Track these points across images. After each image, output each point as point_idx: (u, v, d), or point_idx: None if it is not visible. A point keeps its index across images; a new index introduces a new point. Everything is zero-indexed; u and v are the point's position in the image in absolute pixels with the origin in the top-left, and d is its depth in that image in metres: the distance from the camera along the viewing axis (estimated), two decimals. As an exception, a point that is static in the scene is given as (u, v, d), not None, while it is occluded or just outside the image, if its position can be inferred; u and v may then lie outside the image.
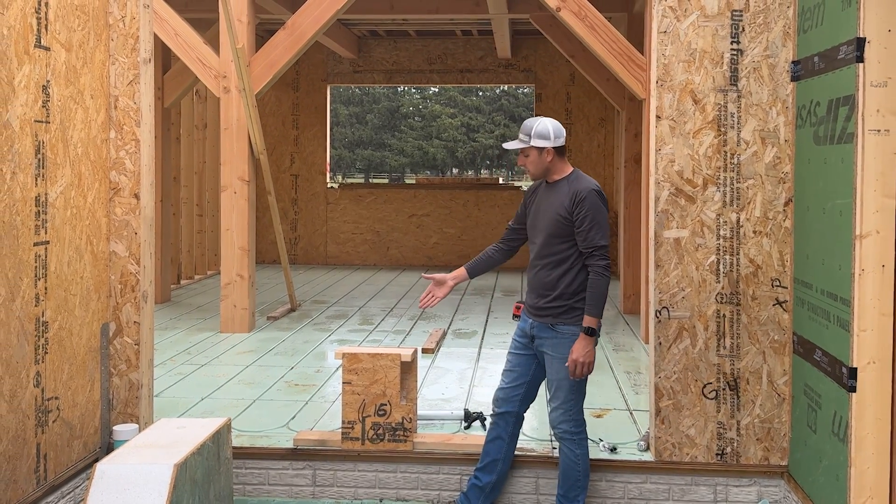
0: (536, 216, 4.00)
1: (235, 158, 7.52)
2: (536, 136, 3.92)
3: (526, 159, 3.99)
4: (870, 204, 3.31)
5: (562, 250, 3.88)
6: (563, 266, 3.88)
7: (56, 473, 3.91)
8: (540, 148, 3.92)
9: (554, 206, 3.90)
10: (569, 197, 3.86)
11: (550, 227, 3.89)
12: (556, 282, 3.87)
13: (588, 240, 3.81)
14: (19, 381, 3.60)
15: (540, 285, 3.93)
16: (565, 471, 3.98)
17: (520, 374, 4.06)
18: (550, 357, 3.91)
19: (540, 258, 3.95)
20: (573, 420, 3.94)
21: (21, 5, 3.62)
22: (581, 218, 3.82)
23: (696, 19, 4.16)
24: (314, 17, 7.47)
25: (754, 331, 4.12)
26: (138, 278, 4.40)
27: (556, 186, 3.95)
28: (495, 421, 4.09)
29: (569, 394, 3.91)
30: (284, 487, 4.38)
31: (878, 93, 3.29)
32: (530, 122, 3.99)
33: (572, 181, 3.93)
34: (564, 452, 3.97)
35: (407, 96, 41.95)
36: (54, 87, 3.90)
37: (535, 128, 3.94)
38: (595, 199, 3.85)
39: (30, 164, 3.70)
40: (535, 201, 4.05)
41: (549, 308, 3.89)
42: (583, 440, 3.97)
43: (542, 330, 3.93)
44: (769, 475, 4.15)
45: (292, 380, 5.83)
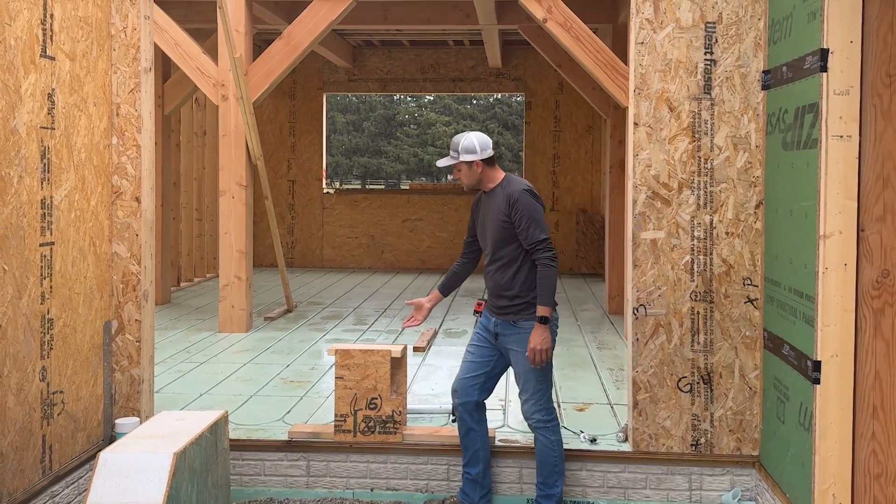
0: (483, 225, 4.17)
1: (233, 164, 7.62)
2: (464, 152, 4.07)
3: (459, 173, 4.14)
4: (833, 206, 3.40)
5: (510, 251, 4.04)
6: (514, 266, 4.03)
7: (61, 464, 4.00)
8: (469, 162, 4.07)
9: (495, 213, 4.05)
10: (504, 201, 4.02)
11: (496, 232, 4.05)
12: (511, 281, 4.02)
13: (529, 237, 3.96)
14: (26, 376, 3.69)
15: (497, 287, 4.08)
16: (542, 458, 4.08)
17: (479, 366, 4.19)
18: (515, 352, 4.04)
19: (493, 262, 4.11)
20: (544, 409, 4.05)
21: (27, 17, 3.69)
22: (518, 218, 3.96)
23: (671, 31, 4.26)
24: (310, 28, 7.58)
25: (727, 327, 4.23)
26: (139, 278, 4.49)
27: (493, 194, 4.11)
28: (459, 415, 4.21)
29: (536, 384, 4.03)
30: (280, 478, 4.48)
31: (840, 100, 3.39)
32: (457, 138, 4.13)
33: (505, 186, 4.08)
34: (540, 441, 4.07)
35: (403, 105, 42.03)
36: (59, 95, 3.97)
37: (461, 144, 4.08)
38: (527, 198, 3.99)
39: (36, 169, 3.78)
40: (480, 211, 4.22)
41: (509, 307, 4.04)
42: (555, 427, 4.09)
43: (505, 327, 4.07)
44: (741, 465, 4.25)
45: (288, 377, 5.92)
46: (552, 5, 7.22)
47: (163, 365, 6.19)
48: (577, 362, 6.47)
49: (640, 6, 4.27)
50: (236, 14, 7.56)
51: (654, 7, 4.25)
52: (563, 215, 12.74)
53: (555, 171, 12.78)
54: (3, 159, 3.51)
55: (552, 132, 12.77)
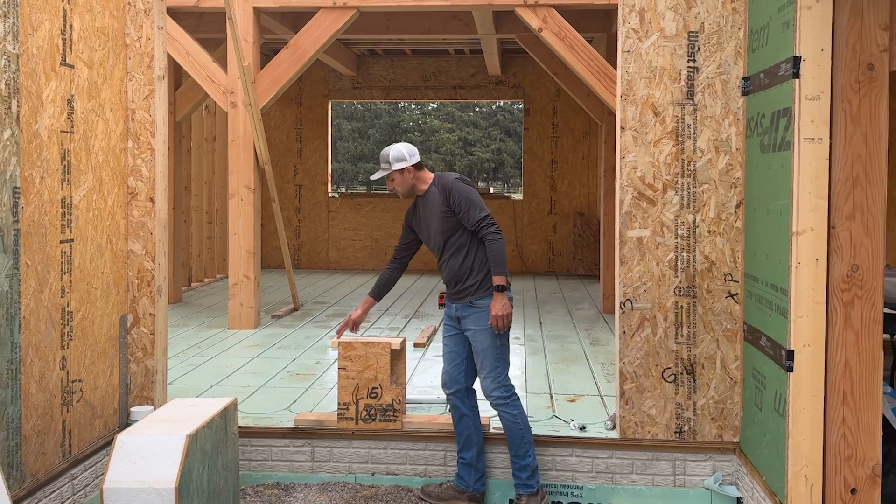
0: (427, 226, 4.35)
1: (242, 168, 7.77)
2: (395, 161, 4.27)
3: (393, 182, 4.32)
4: (805, 204, 3.50)
5: (457, 239, 4.24)
6: (462, 252, 4.23)
7: (80, 448, 4.13)
8: (401, 169, 4.27)
9: (435, 209, 4.25)
10: (441, 194, 4.23)
11: (441, 225, 4.26)
12: (461, 266, 4.23)
13: (471, 218, 4.16)
14: (47, 364, 3.83)
15: (452, 275, 4.28)
16: (510, 433, 4.23)
17: (457, 354, 4.36)
18: (473, 331, 4.22)
19: (444, 253, 4.30)
20: (502, 386, 4.21)
21: (49, 27, 3.80)
22: (457, 204, 4.17)
23: (656, 40, 4.39)
24: (315, 37, 7.73)
25: (709, 321, 4.37)
26: (153, 274, 4.64)
27: (428, 194, 4.32)
28: (452, 403, 4.36)
29: (494, 362, 4.20)
30: (286, 463, 4.62)
31: (812, 105, 3.48)
32: (385, 151, 4.31)
33: (437, 183, 4.29)
34: (504, 417, 4.22)
35: (407, 112, 42.16)
36: (78, 101, 4.08)
37: (390, 154, 4.28)
38: (460, 185, 4.22)
39: (56, 170, 3.90)
40: (418, 216, 4.42)
41: (465, 290, 4.24)
42: (515, 401, 4.23)
43: (463, 310, 4.26)
44: (723, 451, 4.38)
45: (294, 370, 6.07)
46: (547, 15, 7.37)
47: (175, 359, 6.34)
48: (570, 357, 6.60)
49: (626, 17, 4.40)
50: (245, 24, 7.71)
51: (639, 17, 4.38)
52: (560, 218, 12.88)
53: (553, 175, 12.91)
54: (26, 161, 3.64)
55: (550, 138, 12.90)
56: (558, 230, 12.86)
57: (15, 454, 3.54)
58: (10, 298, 3.50)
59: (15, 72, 3.54)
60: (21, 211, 3.59)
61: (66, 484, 3.96)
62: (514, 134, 38.07)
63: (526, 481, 4.22)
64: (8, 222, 3.49)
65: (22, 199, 3.60)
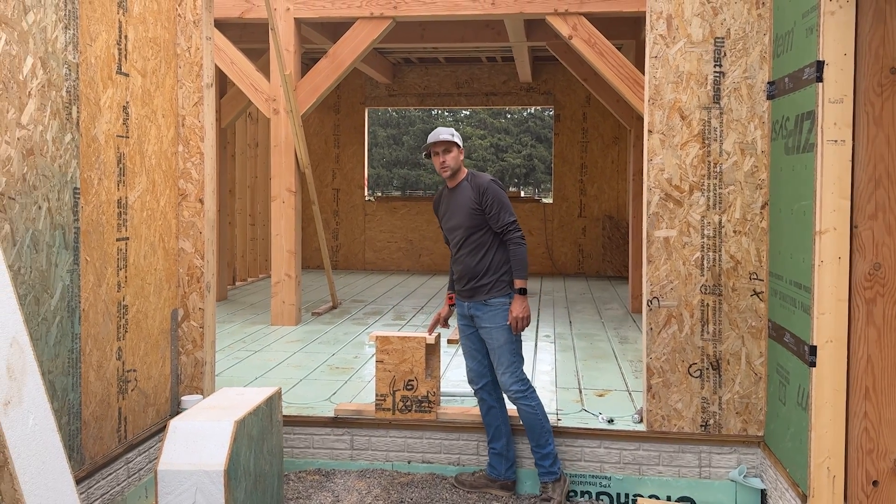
0: (451, 218, 4.37)
1: (283, 172, 7.90)
2: (458, 137, 4.35)
3: (447, 155, 4.31)
4: (828, 204, 3.50)
5: (479, 237, 4.27)
6: (482, 250, 4.27)
7: (134, 434, 4.26)
8: (460, 146, 4.34)
9: (464, 203, 4.28)
10: (474, 192, 4.26)
11: (466, 220, 4.28)
12: (480, 263, 4.27)
13: (500, 220, 4.21)
14: (105, 355, 3.97)
15: (468, 271, 4.30)
16: (530, 425, 4.27)
17: (477, 350, 4.41)
18: (488, 329, 4.28)
19: (462, 248, 4.33)
20: (519, 380, 4.26)
21: (105, 38, 3.92)
22: (489, 205, 4.22)
23: (683, 46, 4.41)
24: (353, 47, 7.84)
25: (734, 318, 4.38)
26: (202, 271, 4.76)
27: (459, 188, 4.34)
28: (480, 397, 4.42)
29: (511, 356, 4.25)
30: (326, 451, 4.72)
31: (835, 108, 3.48)
32: (445, 128, 4.36)
33: (471, 180, 4.32)
34: (523, 410, 4.26)
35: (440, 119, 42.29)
36: (132, 107, 4.19)
37: (454, 131, 4.36)
38: (495, 187, 4.26)
39: (113, 172, 4.02)
40: (444, 209, 4.44)
41: (480, 287, 4.28)
42: (532, 393, 4.28)
43: (477, 308, 4.30)
44: (747, 444, 4.39)
45: (334, 364, 6.17)
46: (577, 23, 7.41)
47: (222, 353, 6.48)
48: (599, 355, 6.63)
49: (654, 23, 4.43)
50: (286, 35, 7.85)
51: (667, 24, 4.42)
52: (589, 221, 12.87)
53: (582, 179, 12.91)
54: (86, 163, 3.77)
55: (580, 143, 12.90)
56: (588, 233, 12.85)
57: (75, 438, 3.67)
58: (71, 292, 3.63)
59: (75, 80, 3.66)
60: (81, 210, 3.72)
61: (122, 467, 4.09)
62: (545, 140, 38.03)
63: (549, 468, 4.28)
64: (69, 221, 3.62)
65: (81, 200, 3.73)
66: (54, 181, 3.49)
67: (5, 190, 3.13)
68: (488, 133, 41.58)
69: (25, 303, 3.27)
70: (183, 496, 3.36)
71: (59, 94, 3.53)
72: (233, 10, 7.90)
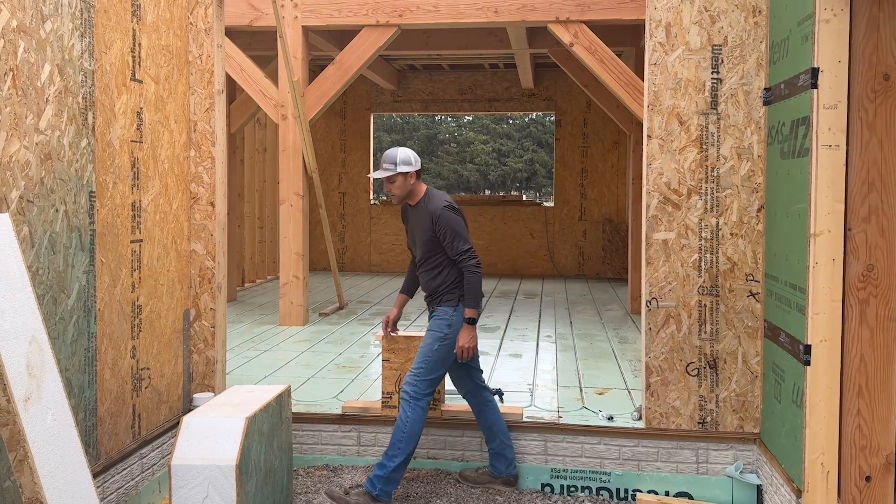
0: (413, 235, 4.36)
1: (291, 176, 7.93)
2: (402, 164, 4.12)
3: (392, 185, 4.15)
4: (822, 207, 3.51)
5: (436, 259, 4.21)
6: (438, 269, 4.23)
7: (148, 430, 4.30)
8: (405, 173, 4.13)
9: (423, 228, 4.21)
10: (429, 219, 4.15)
11: (424, 245, 4.23)
12: (434, 281, 4.24)
13: (454, 249, 4.10)
14: (119, 353, 4.00)
15: (426, 287, 4.33)
16: (394, 428, 4.11)
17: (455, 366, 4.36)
18: (427, 330, 4.27)
19: (422, 266, 4.30)
20: (416, 385, 4.13)
21: (120, 46, 3.96)
22: (443, 234, 4.11)
23: (681, 53, 4.44)
24: (359, 54, 7.88)
25: (731, 318, 4.40)
26: (214, 272, 4.80)
27: (418, 209, 4.23)
28: (468, 400, 4.41)
29: (422, 362, 4.16)
30: (334, 447, 4.74)
31: (829, 114, 3.48)
32: (392, 152, 4.14)
33: (427, 203, 4.17)
34: (400, 410, 4.13)
35: (444, 124, 42.31)
36: (146, 113, 4.22)
37: (399, 156, 4.12)
38: (448, 214, 4.11)
39: (127, 176, 4.05)
40: (409, 222, 4.38)
41: (434, 299, 4.27)
42: (417, 407, 4.09)
43: (430, 314, 4.31)
44: (744, 441, 4.41)
45: (341, 363, 6.20)
46: (578, 31, 7.44)
47: (232, 352, 6.51)
48: (599, 355, 6.65)
49: (653, 31, 4.46)
50: (294, 42, 7.88)
51: (665, 32, 4.44)
52: (590, 224, 12.89)
53: (583, 184, 12.93)
54: (101, 168, 3.80)
55: (580, 148, 12.93)
56: (588, 236, 12.87)
57: (91, 433, 3.71)
58: (87, 292, 3.66)
59: (91, 86, 3.70)
60: (96, 213, 3.76)
61: (136, 462, 4.13)
62: (546, 145, 38.05)
63: (374, 478, 4.04)
64: (85, 223, 3.65)
65: (97, 203, 3.76)
66: (71, 185, 3.53)
67: (24, 193, 3.17)
68: (491, 138, 41.60)
69: (43, 302, 3.30)
70: (195, 490, 3.39)
71: (75, 101, 3.56)
72: (242, 18, 7.94)
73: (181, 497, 3.40)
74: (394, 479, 4.04)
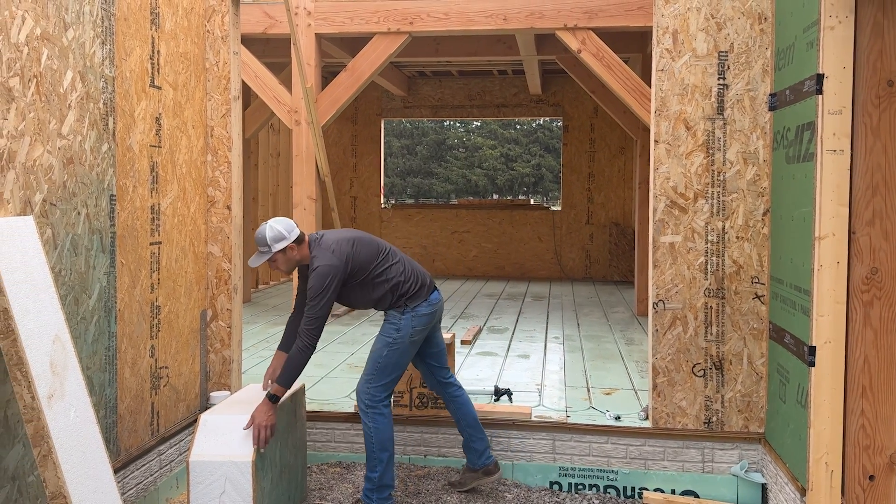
0: None
1: (305, 180, 7.97)
2: (274, 242, 3.79)
3: (276, 264, 3.87)
4: (827, 211, 3.51)
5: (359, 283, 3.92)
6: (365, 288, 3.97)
7: (166, 427, 4.33)
8: (283, 249, 3.83)
9: None
10: None
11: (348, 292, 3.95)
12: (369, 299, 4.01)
13: (307, 309, 3.75)
14: (139, 352, 4.03)
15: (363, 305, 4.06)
16: (365, 442, 3.94)
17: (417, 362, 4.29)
18: (377, 335, 4.04)
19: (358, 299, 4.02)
20: (370, 395, 3.91)
21: (139, 53, 3.99)
22: (308, 290, 3.78)
23: (688, 59, 4.45)
24: (371, 61, 7.91)
25: (737, 320, 4.40)
26: (230, 274, 4.83)
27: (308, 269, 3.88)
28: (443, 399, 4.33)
29: (373, 370, 3.93)
30: (347, 444, 4.76)
31: (834, 119, 3.49)
32: (260, 233, 3.83)
33: (312, 262, 3.83)
34: (363, 424, 3.94)
35: (452, 130, 42.36)
36: (164, 118, 4.26)
37: (267, 235, 3.79)
38: (316, 280, 3.73)
39: (146, 180, 4.09)
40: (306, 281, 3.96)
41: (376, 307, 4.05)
42: (375, 415, 3.89)
43: None
44: (749, 441, 4.41)
45: (353, 363, 6.22)
46: (586, 38, 7.45)
47: (247, 352, 6.54)
48: (606, 356, 6.65)
49: (660, 38, 4.47)
50: (307, 49, 7.92)
51: (672, 39, 4.45)
52: (597, 228, 12.89)
53: (590, 188, 12.93)
54: (121, 172, 3.84)
55: (588, 153, 12.92)
56: (595, 239, 12.87)
57: (112, 430, 3.74)
58: (107, 293, 3.70)
59: (111, 92, 3.73)
60: (117, 216, 3.79)
61: (155, 459, 4.16)
62: (553, 150, 38.04)
63: (367, 492, 3.94)
64: (106, 226, 3.69)
65: (117, 206, 3.79)
66: (92, 188, 3.56)
67: (47, 196, 3.20)
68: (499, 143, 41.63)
69: (66, 303, 3.33)
70: (213, 486, 3.42)
71: (96, 106, 3.60)
72: (257, 26, 7.98)
73: (199, 492, 3.43)
74: (386, 485, 3.94)
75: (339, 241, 3.90)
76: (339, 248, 3.86)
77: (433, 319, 4.10)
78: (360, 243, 3.98)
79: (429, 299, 4.07)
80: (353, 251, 3.91)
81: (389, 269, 4.00)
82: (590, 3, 7.40)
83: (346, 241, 3.92)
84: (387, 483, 3.94)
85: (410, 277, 4.04)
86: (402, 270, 4.03)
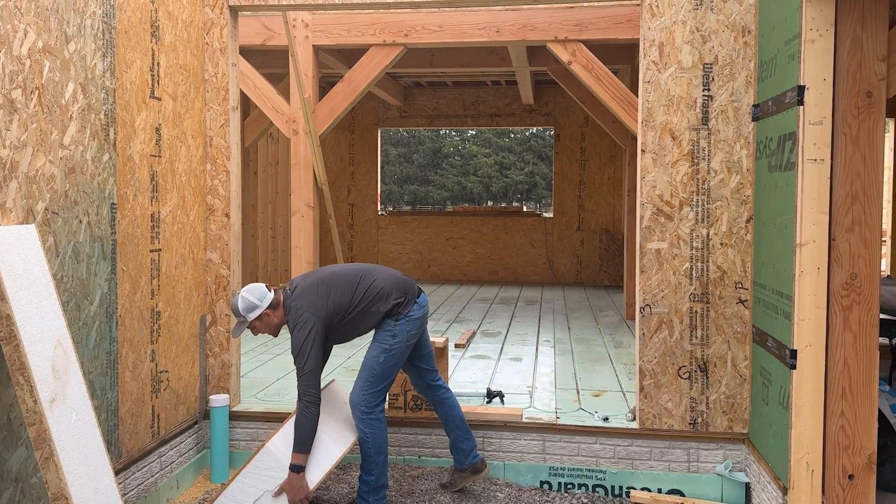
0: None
1: (303, 188, 7.97)
2: (247, 311, 3.80)
3: (256, 330, 3.87)
4: (808, 219, 3.52)
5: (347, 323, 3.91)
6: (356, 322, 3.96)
7: (166, 430, 4.32)
8: (258, 317, 3.82)
9: None
10: None
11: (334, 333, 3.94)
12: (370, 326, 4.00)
13: (296, 372, 3.75)
14: (140, 357, 4.03)
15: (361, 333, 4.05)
16: (361, 447, 3.92)
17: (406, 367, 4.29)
18: (371, 342, 4.02)
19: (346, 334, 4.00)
20: (366, 402, 3.89)
21: (140, 65, 4.00)
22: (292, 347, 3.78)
23: (674, 71, 4.47)
24: (367, 71, 7.92)
25: (721, 324, 4.42)
26: (228, 280, 4.83)
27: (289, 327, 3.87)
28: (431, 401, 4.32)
29: (368, 377, 3.91)
30: (342, 447, 4.76)
31: (814, 129, 3.50)
32: (233, 304, 3.85)
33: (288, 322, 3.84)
34: (358, 429, 3.91)
35: (448, 138, 42.41)
36: (164, 129, 4.26)
37: (240, 306, 3.80)
38: (295, 339, 3.73)
39: (146, 189, 4.10)
40: None
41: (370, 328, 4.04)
42: (371, 421, 3.88)
43: None
44: (733, 441, 4.42)
45: (349, 366, 6.22)
46: (576, 50, 7.47)
47: (245, 355, 6.53)
48: (595, 358, 6.66)
49: (647, 50, 4.50)
50: (305, 60, 7.93)
51: (659, 51, 4.48)
52: (587, 234, 12.92)
53: (581, 195, 12.96)
54: (122, 181, 3.85)
55: (578, 161, 12.96)
56: (586, 245, 12.89)
57: (113, 433, 3.74)
58: (108, 299, 3.70)
59: (112, 104, 3.74)
60: (117, 224, 3.79)
61: (155, 460, 4.15)
62: (546, 158, 38.13)
63: (363, 494, 3.93)
64: (107, 233, 3.69)
65: (118, 214, 3.80)
66: (93, 197, 3.57)
67: (49, 205, 3.21)
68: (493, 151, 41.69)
69: (68, 309, 3.33)
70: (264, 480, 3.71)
71: (97, 117, 3.60)
72: (255, 37, 7.99)
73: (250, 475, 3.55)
74: (381, 485, 3.94)
75: (310, 292, 3.81)
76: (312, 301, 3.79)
77: (424, 321, 4.11)
78: (333, 284, 3.88)
79: (418, 302, 4.06)
80: (327, 297, 3.84)
81: (373, 294, 3.93)
82: (580, 15, 7.43)
83: (319, 290, 3.83)
84: (382, 484, 3.97)
85: (394, 290, 3.98)
86: (382, 287, 3.96)
